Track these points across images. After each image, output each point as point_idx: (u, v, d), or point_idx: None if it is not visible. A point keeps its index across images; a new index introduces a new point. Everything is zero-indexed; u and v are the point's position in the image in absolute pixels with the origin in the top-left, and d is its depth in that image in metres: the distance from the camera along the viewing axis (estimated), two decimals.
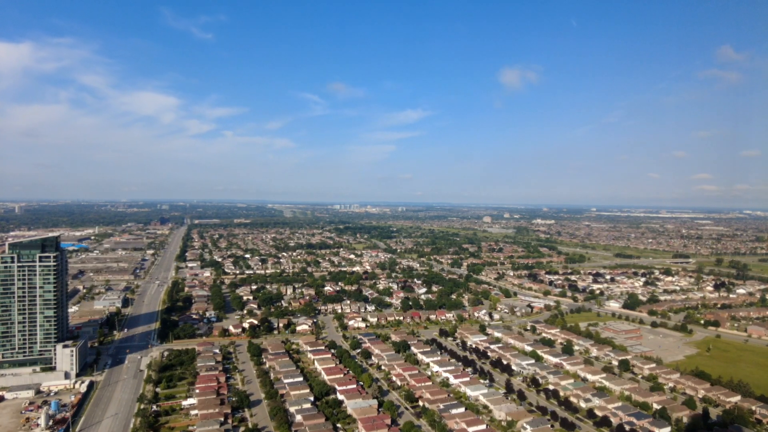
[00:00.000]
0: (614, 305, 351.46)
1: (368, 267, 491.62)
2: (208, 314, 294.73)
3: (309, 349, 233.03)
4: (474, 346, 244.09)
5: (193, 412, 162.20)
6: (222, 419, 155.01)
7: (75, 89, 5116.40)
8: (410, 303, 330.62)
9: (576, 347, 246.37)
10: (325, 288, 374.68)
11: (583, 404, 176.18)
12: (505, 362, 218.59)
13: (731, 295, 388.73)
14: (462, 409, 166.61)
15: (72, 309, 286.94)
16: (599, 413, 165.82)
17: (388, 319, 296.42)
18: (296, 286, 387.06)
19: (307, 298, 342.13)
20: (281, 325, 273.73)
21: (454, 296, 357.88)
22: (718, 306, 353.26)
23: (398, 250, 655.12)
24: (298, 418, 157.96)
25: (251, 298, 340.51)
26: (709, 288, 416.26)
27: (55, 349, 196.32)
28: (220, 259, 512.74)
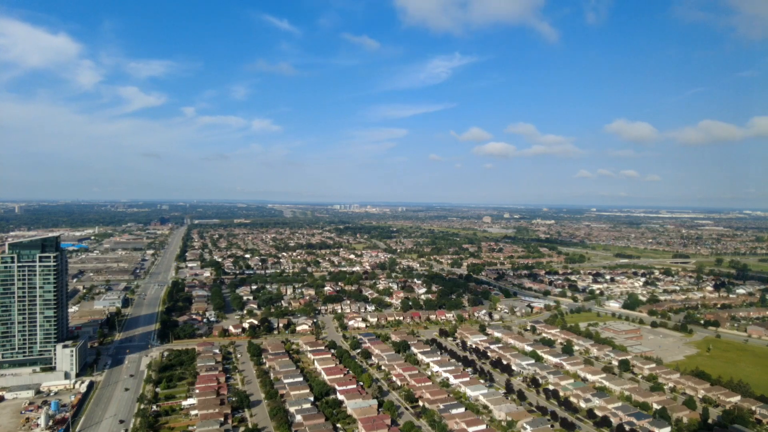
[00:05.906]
0: (614, 305, 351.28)
1: (368, 267, 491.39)
2: (208, 314, 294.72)
3: (309, 349, 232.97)
4: (474, 346, 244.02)
5: (193, 412, 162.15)
6: (222, 419, 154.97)
7: None
8: (410, 303, 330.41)
9: (576, 347, 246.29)
10: (325, 288, 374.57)
11: (583, 404, 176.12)
12: (505, 362, 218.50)
13: (731, 295, 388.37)
14: (462, 409, 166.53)
15: (72, 309, 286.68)
16: (599, 413, 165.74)
17: (388, 319, 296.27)
18: (296, 286, 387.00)
19: (307, 298, 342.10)
20: (281, 325, 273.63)
21: (454, 296, 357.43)
22: (718, 306, 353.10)
23: (398, 250, 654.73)
24: (298, 418, 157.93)
25: (251, 298, 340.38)
26: (709, 288, 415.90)
27: (55, 350, 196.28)
28: (220, 259, 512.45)
